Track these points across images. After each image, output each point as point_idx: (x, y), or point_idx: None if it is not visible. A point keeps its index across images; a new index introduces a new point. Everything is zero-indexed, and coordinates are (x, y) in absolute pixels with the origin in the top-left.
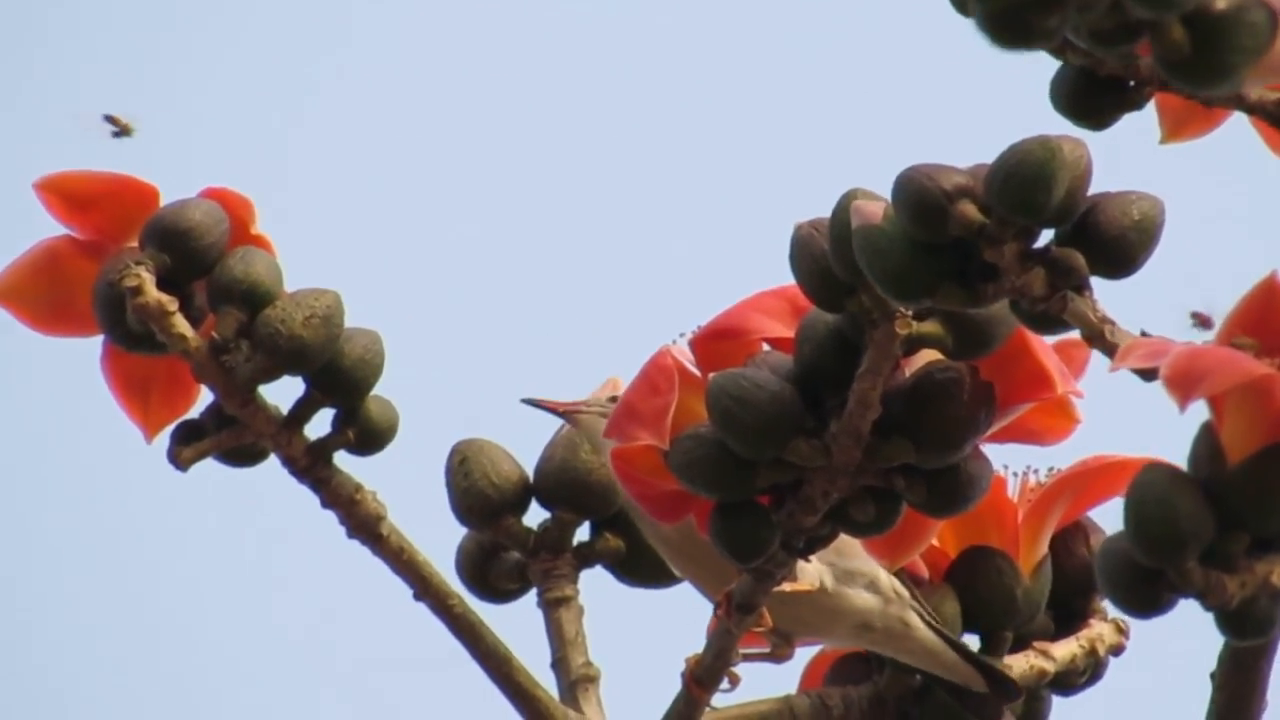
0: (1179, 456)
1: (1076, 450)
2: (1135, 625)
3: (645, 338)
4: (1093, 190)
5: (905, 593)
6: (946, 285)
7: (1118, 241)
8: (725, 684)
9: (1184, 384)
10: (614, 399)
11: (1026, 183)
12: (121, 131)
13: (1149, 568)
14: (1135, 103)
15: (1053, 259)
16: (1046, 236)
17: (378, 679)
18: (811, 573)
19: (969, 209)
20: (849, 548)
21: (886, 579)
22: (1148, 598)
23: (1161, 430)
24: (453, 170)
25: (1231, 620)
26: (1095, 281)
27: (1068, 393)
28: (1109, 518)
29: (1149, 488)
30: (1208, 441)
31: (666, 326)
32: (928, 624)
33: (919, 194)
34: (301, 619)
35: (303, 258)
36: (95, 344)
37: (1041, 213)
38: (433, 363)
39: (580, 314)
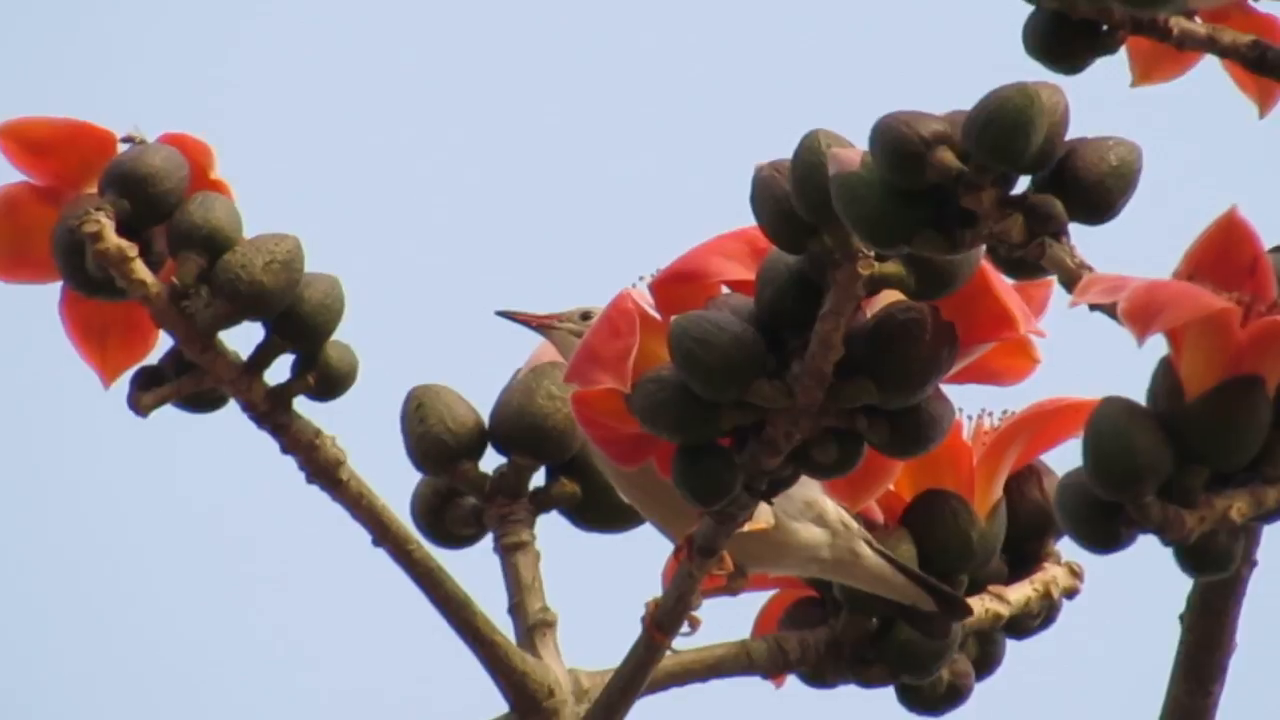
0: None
1: (1034, 392)
2: (1107, 570)
3: (603, 282)
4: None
5: (853, 523)
6: (924, 231)
7: (1096, 187)
8: (685, 628)
9: (1142, 317)
10: (587, 315)
11: (1005, 129)
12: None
13: (1107, 502)
14: (1108, 46)
15: (1031, 205)
16: (1024, 184)
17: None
18: (764, 511)
19: (947, 155)
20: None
21: (834, 511)
22: (1106, 532)
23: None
24: (410, 113)
25: (1190, 555)
26: (1074, 228)
27: (1030, 332)
28: (1063, 461)
29: (1107, 421)
30: (1166, 376)
31: (625, 270)
32: (875, 551)
33: (897, 140)
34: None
35: (261, 204)
36: (53, 290)
37: (1020, 159)
38: (392, 307)
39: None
